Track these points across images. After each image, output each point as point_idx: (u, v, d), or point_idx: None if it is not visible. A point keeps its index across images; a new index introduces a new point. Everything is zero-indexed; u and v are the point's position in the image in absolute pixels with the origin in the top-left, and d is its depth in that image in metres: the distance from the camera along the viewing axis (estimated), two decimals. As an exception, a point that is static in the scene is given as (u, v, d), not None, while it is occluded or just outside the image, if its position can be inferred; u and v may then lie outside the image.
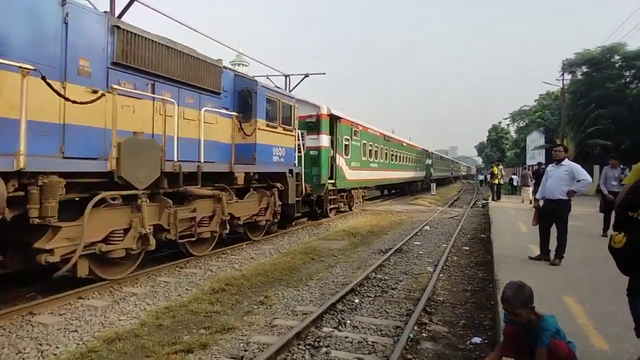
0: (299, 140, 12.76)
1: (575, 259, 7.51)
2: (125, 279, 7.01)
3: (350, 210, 18.75)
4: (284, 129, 11.61)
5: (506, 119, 66.03)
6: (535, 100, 56.60)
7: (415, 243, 11.40)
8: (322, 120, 15.10)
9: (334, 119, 16.02)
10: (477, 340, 4.95)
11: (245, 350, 4.59)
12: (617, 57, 33.52)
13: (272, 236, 11.84)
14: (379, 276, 7.84)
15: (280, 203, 11.39)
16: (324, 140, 15.14)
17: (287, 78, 22.42)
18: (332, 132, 15.92)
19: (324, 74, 22.71)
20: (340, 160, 16.58)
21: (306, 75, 22.28)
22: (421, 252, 10.15)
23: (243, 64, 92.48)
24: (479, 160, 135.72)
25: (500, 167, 24.14)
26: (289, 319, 5.60)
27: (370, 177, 21.00)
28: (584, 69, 35.12)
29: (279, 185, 11.30)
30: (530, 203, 18.45)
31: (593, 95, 32.68)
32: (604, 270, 6.76)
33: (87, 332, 5.08)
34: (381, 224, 15.21)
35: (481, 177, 53.56)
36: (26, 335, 4.91)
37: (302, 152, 13.09)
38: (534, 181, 20.03)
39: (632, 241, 3.19)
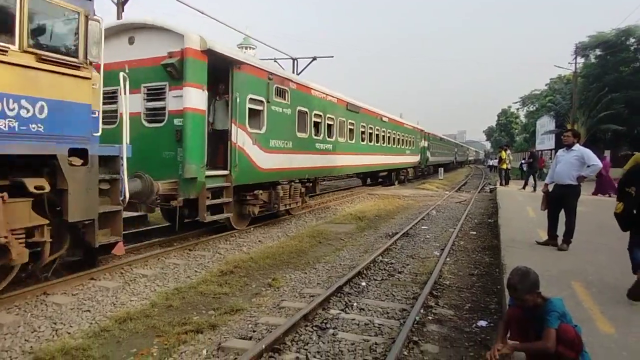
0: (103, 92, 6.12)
1: (582, 244, 7.49)
2: (136, 261, 7.12)
3: (280, 213, 11.97)
4: (52, 59, 5.08)
5: (516, 102, 64.96)
6: (546, 85, 55.66)
7: (422, 227, 11.42)
8: (189, 61, 7.89)
9: (223, 63, 8.77)
10: (482, 323, 4.99)
11: (254, 331, 4.67)
12: (632, 40, 32.69)
13: (280, 220, 11.91)
14: (386, 260, 7.89)
15: (46, 222, 5.27)
16: (195, 97, 8.07)
17: (295, 61, 22.29)
18: (221, 88, 9.54)
19: (332, 57, 22.57)
20: (243, 137, 9.43)
21: (314, 59, 22.16)
22: (428, 236, 10.17)
23: (250, 47, 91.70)
24: (488, 145, 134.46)
25: (509, 152, 23.94)
26: (296, 301, 5.68)
27: (314, 165, 13.27)
28: (598, 52, 34.32)
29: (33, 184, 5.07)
30: (533, 189, 18.89)
31: (607, 79, 32.01)
32: (610, 256, 6.75)
33: (99, 312, 5.20)
34: (388, 208, 15.22)
35: (490, 163, 48.08)
36: (41, 315, 5.04)
37: (125, 118, 6.28)
38: (527, 165, 21.73)
39: (626, 208, 4.85)
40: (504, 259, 6.52)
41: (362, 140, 18.20)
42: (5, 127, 4.65)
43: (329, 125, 14.51)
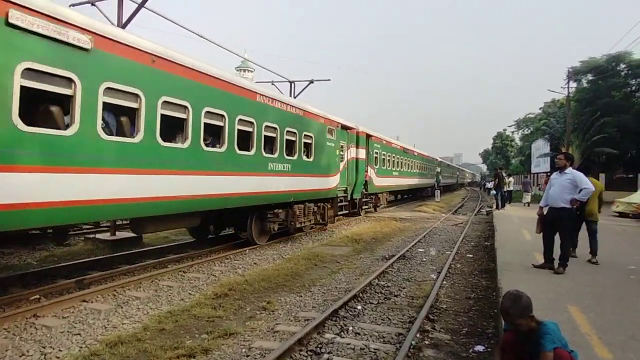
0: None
1: (579, 266, 7.46)
2: (129, 282, 7.03)
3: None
4: None
5: (511, 126, 65.73)
6: (541, 108, 56.43)
7: (419, 250, 11.37)
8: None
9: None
10: (479, 348, 4.93)
11: (247, 356, 4.59)
12: (622, 66, 33.35)
13: (276, 242, 11.85)
14: (382, 283, 7.83)
15: None
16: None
17: (292, 84, 22.57)
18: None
19: (329, 80, 22.88)
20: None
21: (311, 82, 22.46)
22: (425, 259, 10.12)
23: (249, 70, 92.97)
24: (484, 167, 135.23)
25: (504, 174, 24.09)
26: (291, 324, 5.60)
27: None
28: (590, 77, 34.99)
29: None
30: (527, 205, 23.39)
31: (599, 103, 32.52)
32: (608, 278, 6.72)
33: (90, 336, 5.11)
34: (385, 230, 15.18)
35: (489, 186, 46.20)
36: (30, 338, 4.94)
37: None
38: (494, 184, 23.81)
39: None
40: (501, 282, 6.48)
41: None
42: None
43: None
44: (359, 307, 6.36)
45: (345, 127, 15.71)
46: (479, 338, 5.28)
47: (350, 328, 5.48)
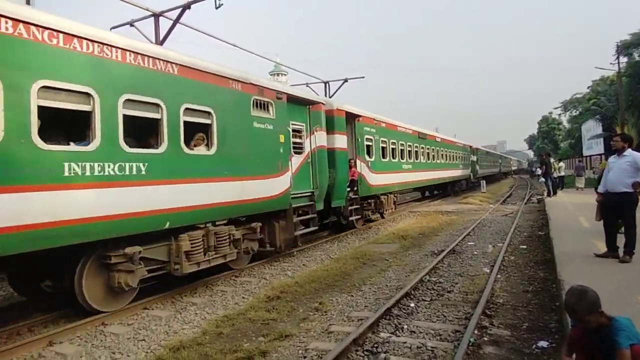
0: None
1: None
2: (185, 289, 7.30)
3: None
4: None
5: (557, 108, 62.51)
6: (589, 87, 53.41)
7: (469, 243, 11.07)
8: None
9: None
10: (543, 344, 4.73)
11: (304, 357, 4.65)
12: (678, 35, 30.99)
13: (322, 242, 11.90)
14: (434, 279, 7.69)
15: None
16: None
17: (327, 84, 22.60)
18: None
19: (363, 77, 22.74)
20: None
21: (345, 81, 22.40)
22: (476, 253, 9.85)
23: (282, 73, 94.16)
24: (531, 153, 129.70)
25: (552, 159, 22.99)
26: (345, 324, 5.61)
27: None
28: (642, 49, 32.73)
29: None
30: (581, 190, 22.40)
31: (655, 76, 30.38)
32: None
33: (154, 341, 5.34)
34: (431, 225, 14.89)
35: (539, 172, 43.05)
36: (100, 345, 5.23)
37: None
38: (541, 171, 22.57)
39: None
40: (561, 274, 6.19)
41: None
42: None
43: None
44: (412, 305, 6.28)
45: (298, 101, 10.20)
46: (542, 333, 5.07)
47: (405, 326, 5.43)
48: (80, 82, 5.39)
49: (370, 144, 15.04)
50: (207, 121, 7.26)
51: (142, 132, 6.67)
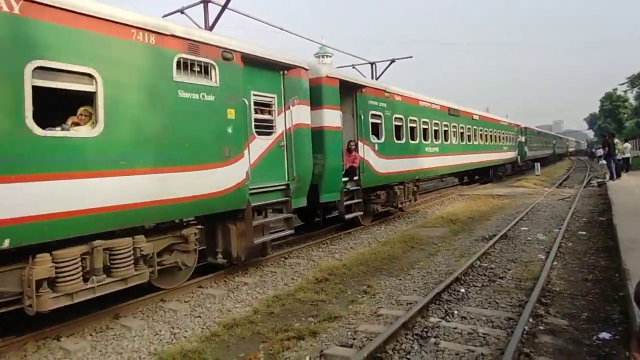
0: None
1: None
2: (236, 269, 7.56)
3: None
4: None
5: (623, 84, 57.83)
6: (660, 60, 48.84)
7: (522, 228, 10.65)
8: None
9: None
10: (605, 335, 4.51)
11: (354, 339, 4.70)
12: None
13: (369, 225, 11.89)
14: (485, 264, 7.49)
15: None
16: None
17: (373, 65, 22.18)
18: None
19: (411, 57, 22.08)
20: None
21: (392, 61, 21.85)
22: (530, 238, 9.47)
23: (327, 55, 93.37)
24: (591, 133, 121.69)
25: (616, 140, 21.39)
26: (393, 308, 5.61)
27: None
28: None
29: None
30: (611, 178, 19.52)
31: None
32: None
33: (209, 318, 5.60)
34: (482, 209, 14.44)
35: (600, 153, 39.59)
36: (160, 320, 5.56)
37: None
38: (603, 153, 21.07)
39: None
40: (626, 262, 5.83)
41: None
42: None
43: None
44: (463, 291, 6.16)
45: (266, 65, 7.60)
46: (603, 324, 4.83)
47: (456, 312, 5.35)
48: None
49: (378, 121, 11.82)
50: (87, 88, 5.01)
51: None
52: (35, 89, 4.48)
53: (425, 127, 15.06)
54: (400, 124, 13.14)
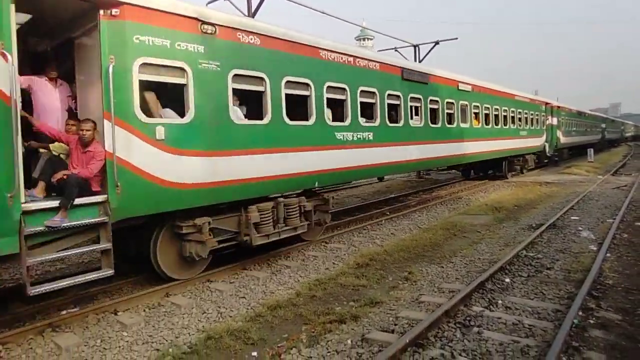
0: None
1: None
2: (279, 253, 7.74)
3: None
4: None
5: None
6: None
7: (572, 218, 10.21)
8: None
9: None
10: (662, 332, 4.30)
11: (395, 324, 4.74)
12: None
13: (410, 211, 11.78)
14: (531, 254, 7.27)
15: None
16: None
17: (416, 48, 21.66)
18: None
19: (457, 39, 21.37)
20: None
21: (437, 43, 21.25)
22: (580, 229, 9.07)
23: (368, 38, 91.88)
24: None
25: None
26: (435, 295, 5.59)
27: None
28: None
29: None
30: None
31: None
32: None
33: (253, 299, 5.80)
34: (528, 196, 13.93)
35: None
36: (207, 299, 5.81)
37: None
38: None
39: None
40: (687, 256, 5.50)
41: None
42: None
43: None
44: (507, 280, 6.04)
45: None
46: (660, 320, 4.60)
47: (500, 302, 5.26)
48: None
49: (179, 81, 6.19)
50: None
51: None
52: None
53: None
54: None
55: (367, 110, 9.36)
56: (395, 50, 21.03)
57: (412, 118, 10.95)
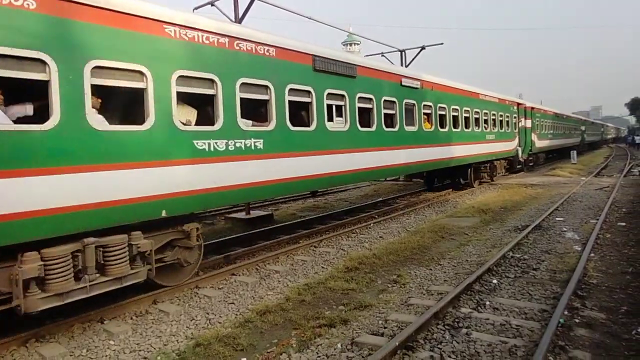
0: None
1: None
2: (268, 257, 7.71)
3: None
4: None
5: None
6: None
7: (557, 219, 10.37)
8: None
9: None
10: (645, 330, 4.39)
11: (385, 327, 4.75)
12: None
13: (398, 214, 11.84)
14: (517, 255, 7.36)
15: None
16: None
17: (403, 53, 21.84)
18: None
19: (442, 44, 21.61)
20: None
21: (423, 48, 21.45)
22: (565, 229, 9.21)
23: (355, 43, 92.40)
24: (632, 119, 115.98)
25: None
26: (424, 298, 5.62)
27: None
28: None
29: None
30: None
31: None
32: None
33: (242, 305, 5.76)
34: (514, 198, 14.11)
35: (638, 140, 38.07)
36: (196, 305, 5.76)
37: None
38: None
39: None
40: (668, 255, 5.63)
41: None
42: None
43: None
44: (495, 282, 6.10)
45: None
46: (644, 318, 4.70)
47: (488, 303, 5.31)
48: None
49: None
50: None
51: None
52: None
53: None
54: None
55: (257, 110, 7.26)
56: (382, 55, 21.18)
57: (330, 120, 9.00)
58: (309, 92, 7.93)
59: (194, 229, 6.10)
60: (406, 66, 20.65)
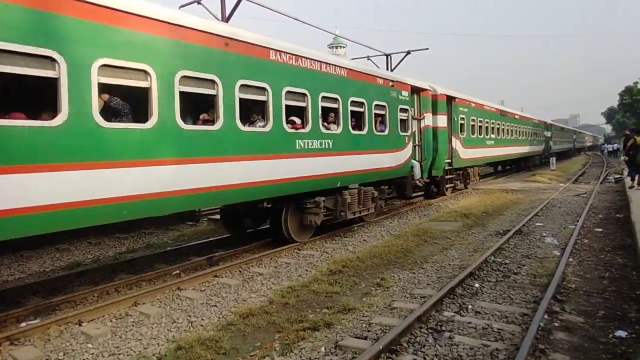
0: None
1: None
2: (251, 260, 7.65)
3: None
4: None
5: (644, 78, 56.23)
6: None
7: (537, 224, 10.57)
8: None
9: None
10: (621, 333, 4.49)
11: (368, 331, 4.75)
12: None
13: (382, 218, 11.90)
14: (499, 260, 7.47)
15: None
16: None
17: (389, 57, 21.97)
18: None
19: (427, 49, 21.81)
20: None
21: (408, 53, 21.62)
22: (544, 234, 9.39)
23: (340, 46, 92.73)
24: (608, 128, 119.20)
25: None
26: (407, 301, 5.64)
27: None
28: None
29: None
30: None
31: None
32: None
33: (225, 307, 5.69)
34: (495, 203, 14.34)
35: (610, 148, 42.75)
36: (178, 308, 5.67)
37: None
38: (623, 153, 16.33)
39: None
40: (643, 260, 5.78)
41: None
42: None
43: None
44: (477, 285, 6.17)
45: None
46: (620, 322, 4.81)
47: (470, 306, 5.36)
48: None
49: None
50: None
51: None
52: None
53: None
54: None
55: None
56: (368, 59, 21.28)
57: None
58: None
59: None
60: (392, 69, 20.77)
